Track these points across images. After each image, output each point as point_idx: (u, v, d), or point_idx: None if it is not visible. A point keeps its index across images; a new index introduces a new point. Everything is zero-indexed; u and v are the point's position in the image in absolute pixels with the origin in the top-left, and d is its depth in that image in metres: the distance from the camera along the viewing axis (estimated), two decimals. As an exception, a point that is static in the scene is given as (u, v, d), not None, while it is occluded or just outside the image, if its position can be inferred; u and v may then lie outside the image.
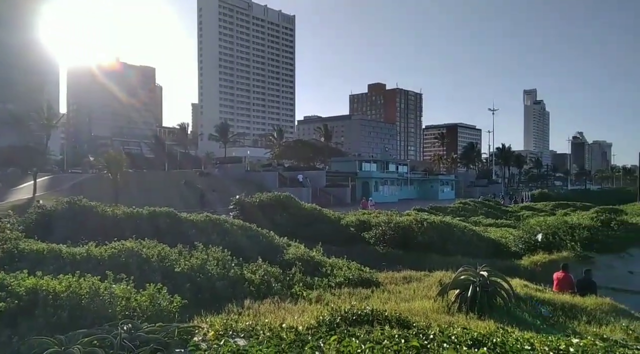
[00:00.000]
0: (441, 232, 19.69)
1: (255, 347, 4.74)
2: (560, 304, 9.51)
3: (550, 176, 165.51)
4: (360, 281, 10.65)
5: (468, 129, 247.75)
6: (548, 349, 5.18)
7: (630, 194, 79.50)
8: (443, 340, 5.19)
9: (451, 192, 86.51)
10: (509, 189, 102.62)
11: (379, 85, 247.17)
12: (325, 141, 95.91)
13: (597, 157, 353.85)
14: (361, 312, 6.45)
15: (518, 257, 19.21)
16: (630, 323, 8.58)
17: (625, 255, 20.13)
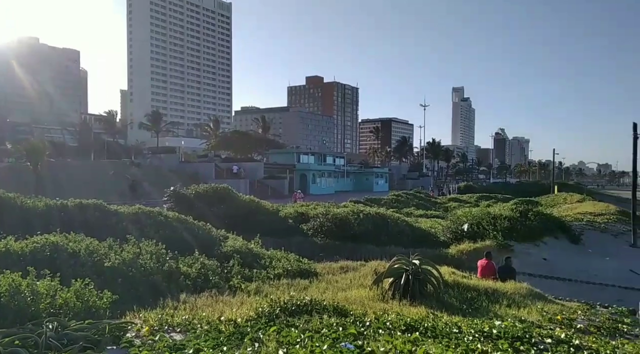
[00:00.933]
0: (376, 223, 20.27)
1: (192, 341, 4.69)
2: (483, 290, 10.13)
3: (475, 169, 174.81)
4: (298, 272, 10.76)
5: (401, 123, 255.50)
6: (474, 331, 5.53)
7: (545, 187, 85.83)
8: (379, 326, 5.40)
9: (385, 185, 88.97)
10: (438, 181, 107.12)
11: (317, 78, 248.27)
12: (263, 133, 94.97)
13: (517, 152, 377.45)
14: (300, 302, 6.55)
15: (446, 246, 20.19)
16: (545, 306, 9.32)
17: (540, 243, 21.76)
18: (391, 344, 4.28)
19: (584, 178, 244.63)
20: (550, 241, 22.32)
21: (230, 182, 27.21)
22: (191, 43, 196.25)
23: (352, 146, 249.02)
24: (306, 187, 68.69)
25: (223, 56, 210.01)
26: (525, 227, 22.17)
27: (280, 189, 58.46)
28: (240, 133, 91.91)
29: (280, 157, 73.88)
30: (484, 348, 4.53)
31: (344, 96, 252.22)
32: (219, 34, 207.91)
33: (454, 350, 4.33)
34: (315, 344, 4.17)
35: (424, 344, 4.47)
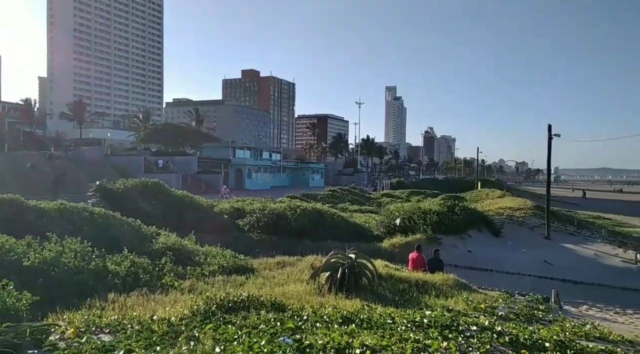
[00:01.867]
0: (313, 219, 20.45)
1: (123, 342, 4.50)
2: (414, 281, 10.55)
3: (406, 166, 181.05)
4: (235, 268, 10.61)
5: (337, 120, 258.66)
6: (406, 322, 5.76)
7: (470, 183, 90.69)
8: (316, 320, 5.48)
9: (321, 180, 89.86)
10: (371, 177, 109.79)
11: (253, 72, 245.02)
12: (196, 126, 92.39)
13: (444, 150, 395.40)
14: (237, 299, 6.48)
15: (380, 240, 20.79)
16: (470, 295, 9.87)
17: (465, 236, 22.99)
18: (329, 336, 4.36)
19: (504, 175, 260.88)
20: (475, 234, 23.63)
21: (161, 177, 26.23)
22: (119, 29, 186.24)
23: (288, 142, 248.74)
24: (242, 182, 67.82)
25: (153, 45, 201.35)
26: (452, 222, 23.30)
27: (215, 184, 57.24)
28: (172, 126, 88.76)
29: (215, 152, 72.35)
30: (416, 337, 4.73)
31: (281, 90, 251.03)
32: (149, 22, 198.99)
33: (388, 340, 4.48)
34: (253, 340, 4.15)
35: (360, 336, 4.58)
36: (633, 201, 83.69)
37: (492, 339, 5.27)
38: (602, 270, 19.86)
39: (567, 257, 21.94)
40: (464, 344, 4.83)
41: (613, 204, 70.00)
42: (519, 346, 5.20)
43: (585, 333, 7.20)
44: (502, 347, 5.12)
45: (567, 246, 24.20)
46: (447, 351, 4.30)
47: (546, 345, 5.42)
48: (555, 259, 21.12)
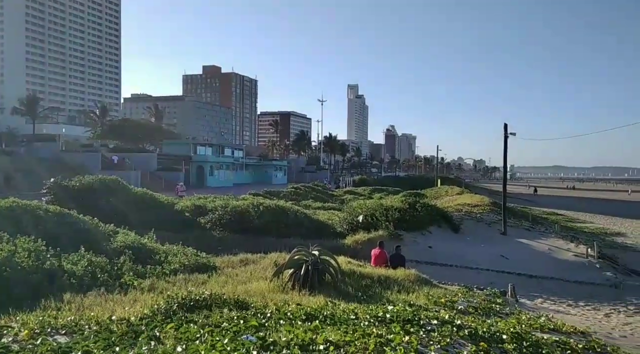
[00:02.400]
0: (276, 216, 20.37)
1: (80, 343, 4.35)
2: (377, 277, 10.69)
3: (368, 163, 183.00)
4: (196, 266, 10.46)
5: (300, 117, 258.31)
6: (369, 317, 5.82)
7: (430, 180, 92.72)
8: (280, 317, 5.47)
9: (284, 177, 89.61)
10: (334, 175, 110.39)
11: (215, 68, 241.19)
12: (156, 122, 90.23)
13: (405, 148, 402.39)
14: (199, 297, 6.39)
15: (343, 237, 20.92)
16: (430, 290, 10.10)
17: (426, 232, 23.47)
18: (292, 333, 4.35)
19: (463, 173, 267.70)
20: (435, 230, 24.15)
21: (119, 174, 25.50)
22: (74, 22, 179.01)
23: (251, 139, 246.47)
24: (203, 179, 66.78)
25: (110, 39, 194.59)
26: (414, 218, 23.74)
27: (176, 181, 56.13)
28: (131, 122, 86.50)
29: (175, 148, 70.88)
30: (379, 332, 4.79)
31: (243, 87, 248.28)
32: (106, 14, 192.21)
33: (352, 335, 4.52)
34: (216, 339, 4.10)
35: (324, 332, 4.60)
36: (584, 197, 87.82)
37: (452, 332, 5.40)
38: (555, 264, 20.69)
39: (523, 252, 22.74)
40: (425, 338, 4.94)
41: (566, 201, 73.21)
42: (477, 339, 5.35)
43: (540, 325, 7.49)
44: (462, 340, 5.26)
45: (522, 241, 25.08)
46: (409, 345, 4.38)
47: (503, 337, 5.60)
48: (512, 254, 21.86)
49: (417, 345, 4.37)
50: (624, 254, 26.08)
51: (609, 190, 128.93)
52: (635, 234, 35.43)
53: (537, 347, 5.54)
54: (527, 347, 5.42)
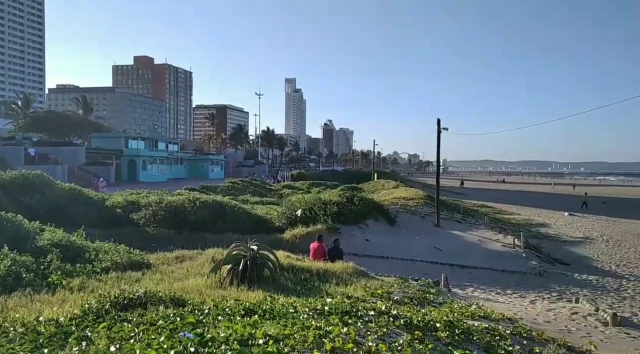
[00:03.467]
0: (213, 211, 19.97)
1: (5, 346, 4.07)
2: (315, 271, 10.79)
3: (306, 157, 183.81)
4: (129, 264, 10.06)
5: (237, 111, 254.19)
6: (308, 310, 5.87)
7: (367, 174, 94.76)
8: (218, 313, 5.37)
9: (221, 172, 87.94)
10: (272, 169, 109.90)
11: (147, 59, 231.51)
12: (83, 114, 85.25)
13: (343, 142, 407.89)
14: (133, 295, 6.15)
15: (282, 231, 20.91)
16: (368, 282, 10.33)
17: (363, 225, 23.96)
18: (231, 329, 4.30)
19: (398, 167, 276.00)
20: (372, 223, 24.71)
21: (44, 169, 23.86)
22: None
23: (186, 132, 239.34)
24: (136, 174, 64.14)
25: (33, 26, 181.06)
26: (351, 212, 24.14)
27: (106, 176, 53.47)
28: (56, 114, 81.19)
29: (105, 142, 67.43)
30: (318, 324, 4.84)
31: (177, 79, 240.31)
32: (28, 1, 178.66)
33: (291, 329, 4.53)
34: (152, 337, 3.97)
35: (263, 326, 4.59)
36: (511, 190, 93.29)
37: (389, 322, 5.56)
38: (485, 254, 21.83)
39: (455, 243, 23.81)
40: (363, 328, 5.05)
41: (495, 194, 77.39)
42: (412, 328, 5.54)
43: (471, 313, 7.89)
44: (398, 329, 5.43)
45: (454, 233, 26.26)
46: (347, 336, 4.46)
47: (437, 325, 5.84)
48: (445, 245, 22.82)
49: (355, 336, 4.46)
50: (547, 243, 28.05)
51: (534, 183, 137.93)
52: (558, 224, 38.12)
53: (469, 334, 5.83)
54: (459, 334, 5.69)
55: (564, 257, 24.13)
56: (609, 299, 15.06)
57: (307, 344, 3.99)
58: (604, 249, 26.65)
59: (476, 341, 5.66)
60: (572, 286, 17.07)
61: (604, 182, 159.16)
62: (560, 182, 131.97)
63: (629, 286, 17.43)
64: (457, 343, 5.30)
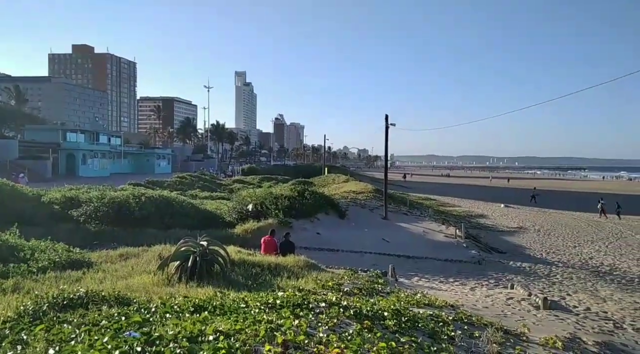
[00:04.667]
0: (160, 207, 19.41)
1: None
2: (267, 265, 10.73)
3: (257, 152, 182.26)
4: (69, 263, 9.57)
5: (185, 104, 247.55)
6: (260, 304, 5.83)
7: (318, 168, 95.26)
8: (166, 311, 5.23)
9: (168, 167, 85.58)
10: (222, 164, 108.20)
11: (86, 47, 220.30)
12: (16, 105, 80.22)
13: (294, 137, 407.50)
14: (73, 295, 5.86)
15: (232, 226, 20.65)
16: (319, 275, 10.40)
17: (314, 219, 24.10)
18: (180, 326, 4.19)
19: (348, 161, 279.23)
20: (323, 217, 24.90)
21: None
22: None
23: (130, 125, 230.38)
24: (75, 168, 61.21)
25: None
26: (303, 206, 24.22)
27: (42, 171, 50.72)
28: (-15, 104, 75.80)
29: (41, 135, 63.84)
30: (270, 318, 4.82)
31: (120, 70, 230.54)
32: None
33: (242, 323, 4.48)
34: (94, 338, 3.80)
35: (214, 322, 4.51)
36: (453, 183, 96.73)
37: (339, 313, 5.62)
38: (429, 245, 22.56)
39: (402, 235, 24.44)
40: (314, 320, 5.08)
41: (439, 187, 79.99)
42: (362, 318, 5.63)
43: (416, 301, 8.13)
44: (348, 320, 5.50)
45: (401, 225, 26.93)
46: (299, 328, 4.47)
47: (385, 314, 5.97)
48: (392, 237, 23.37)
49: (306, 328, 4.48)
50: (485, 233, 29.38)
51: (474, 177, 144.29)
52: (495, 215, 39.96)
53: (414, 321, 6.01)
54: (406, 322, 5.84)
55: (501, 246, 25.38)
56: (540, 285, 15.99)
57: (259, 338, 3.96)
58: (536, 238, 28.25)
59: (421, 327, 5.84)
60: (508, 273, 17.99)
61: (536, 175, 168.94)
62: (497, 176, 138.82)
63: (557, 272, 18.58)
64: (403, 331, 5.44)
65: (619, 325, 10.51)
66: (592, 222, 36.29)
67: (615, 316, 11.57)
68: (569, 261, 21.35)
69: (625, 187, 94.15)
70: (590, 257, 22.36)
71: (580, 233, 30.52)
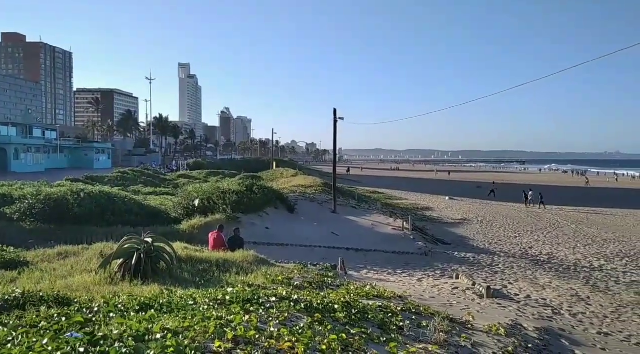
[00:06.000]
0: (100, 203, 18.63)
1: None
2: (215, 261, 10.56)
3: (203, 146, 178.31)
4: (3, 263, 9.02)
5: (125, 96, 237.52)
6: (208, 301, 5.73)
7: (266, 163, 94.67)
8: (110, 310, 5.03)
9: (108, 161, 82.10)
10: (166, 158, 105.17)
11: (17, 36, 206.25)
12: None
13: (241, 130, 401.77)
14: (8, 297, 5.52)
15: (178, 222, 20.15)
16: (268, 269, 10.36)
17: (263, 214, 23.95)
18: (125, 325, 4.05)
19: (296, 155, 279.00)
20: (272, 211, 24.79)
21: None
22: None
23: (66, 118, 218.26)
24: (6, 164, 57.48)
25: None
26: (251, 201, 23.99)
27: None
28: None
29: (-33, 128, 59.42)
30: (219, 314, 4.75)
31: (54, 60, 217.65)
32: None
33: (190, 321, 4.39)
34: (33, 340, 3.60)
35: (161, 320, 4.39)
36: (401, 177, 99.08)
37: (290, 307, 5.62)
38: (378, 238, 23.01)
39: (351, 228, 24.77)
40: (265, 315, 5.05)
41: (387, 181, 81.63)
42: (313, 311, 5.67)
43: (366, 293, 8.28)
44: (299, 313, 5.51)
45: (350, 218, 27.29)
46: (249, 324, 4.43)
47: (335, 307, 6.04)
48: (341, 231, 23.64)
49: (257, 323, 4.45)
50: (431, 225, 30.32)
51: (420, 170, 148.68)
52: (440, 208, 41.32)
53: (364, 313, 6.12)
54: (356, 314, 5.94)
55: (446, 237, 26.31)
56: (483, 274, 16.73)
57: (208, 334, 3.89)
58: (479, 229, 29.52)
59: (371, 319, 5.95)
60: (453, 263, 18.68)
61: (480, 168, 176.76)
62: (442, 170, 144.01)
63: (499, 262, 19.51)
64: (354, 322, 5.53)
65: (557, 311, 11.21)
66: (532, 213, 38.32)
67: (554, 302, 12.32)
68: (510, 251, 22.42)
69: (559, 179, 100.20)
70: (530, 247, 23.58)
71: (520, 224, 32.15)
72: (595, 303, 12.73)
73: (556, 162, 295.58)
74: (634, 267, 18.94)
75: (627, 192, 65.46)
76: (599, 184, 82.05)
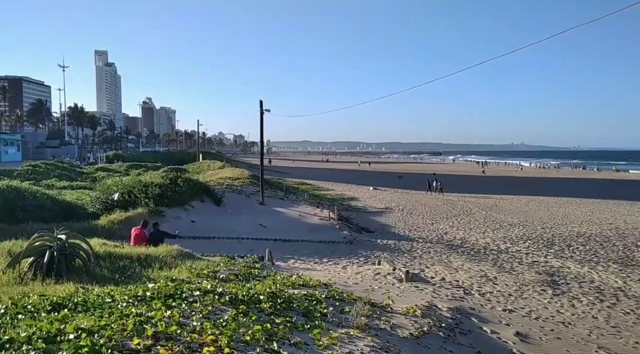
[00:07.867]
0: (8, 199, 17.34)
1: None
2: (136, 257, 10.19)
3: (124, 138, 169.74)
4: None
5: (35, 84, 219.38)
6: (128, 298, 5.56)
7: (192, 155, 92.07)
8: (18, 312, 4.73)
9: (17, 154, 75.86)
10: (83, 150, 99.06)
11: None
12: None
13: (164, 121, 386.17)
14: None
15: (96, 218, 19.18)
16: (193, 263, 10.17)
17: (188, 207, 23.41)
18: (35, 327, 3.85)
19: (224, 147, 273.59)
20: (198, 204, 24.28)
21: None
22: None
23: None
24: None
25: None
26: (175, 194, 23.33)
27: None
28: None
29: None
30: (139, 311, 4.63)
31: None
32: None
33: (107, 319, 4.25)
34: None
35: (75, 320, 4.21)
36: (328, 168, 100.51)
37: (214, 300, 5.59)
38: (305, 228, 23.32)
39: (278, 220, 24.88)
40: (188, 309, 5.00)
41: (314, 172, 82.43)
42: (238, 303, 5.68)
43: (292, 282, 8.40)
44: (224, 306, 5.50)
45: (278, 210, 27.38)
46: (171, 319, 4.37)
47: (261, 298, 6.09)
48: (269, 222, 23.67)
49: (179, 318, 4.40)
50: (356, 215, 31.15)
51: (346, 162, 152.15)
52: (364, 198, 42.50)
53: (289, 302, 6.23)
54: (281, 303, 6.03)
55: (370, 225, 27.20)
56: (403, 259, 17.55)
57: (127, 332, 3.80)
58: (400, 217, 30.82)
59: (296, 307, 6.08)
60: (376, 250, 19.41)
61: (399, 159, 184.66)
62: (364, 161, 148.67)
63: (418, 247, 20.55)
64: (279, 312, 5.62)
65: (468, 291, 12.03)
66: (447, 201, 40.53)
67: (465, 283, 13.20)
68: (428, 237, 23.64)
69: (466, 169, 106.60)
70: (445, 233, 24.99)
71: (437, 211, 33.92)
72: (501, 282, 13.81)
73: (475, 153, 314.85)
74: (535, 249, 20.72)
75: (530, 180, 71.21)
76: (506, 173, 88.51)
